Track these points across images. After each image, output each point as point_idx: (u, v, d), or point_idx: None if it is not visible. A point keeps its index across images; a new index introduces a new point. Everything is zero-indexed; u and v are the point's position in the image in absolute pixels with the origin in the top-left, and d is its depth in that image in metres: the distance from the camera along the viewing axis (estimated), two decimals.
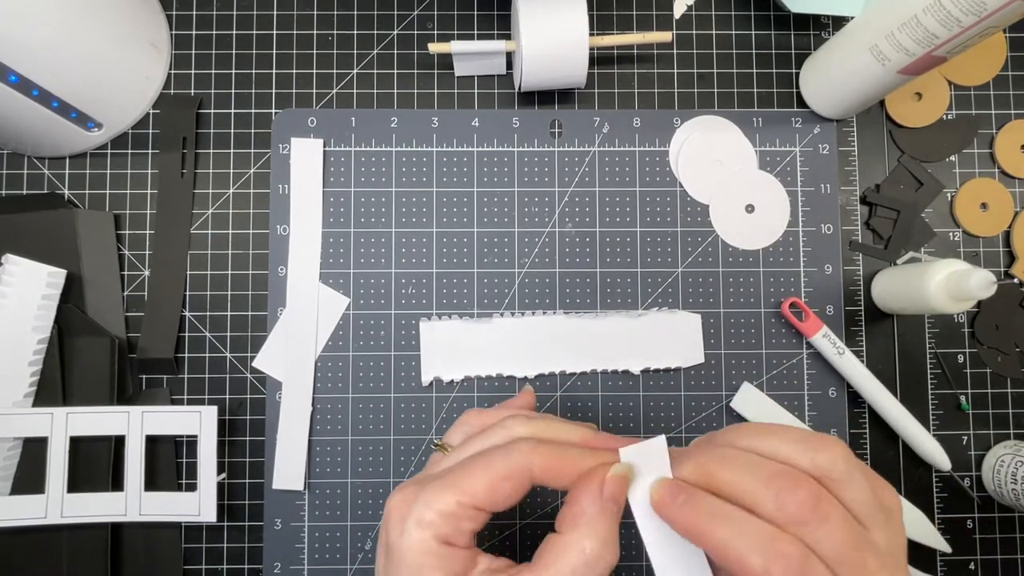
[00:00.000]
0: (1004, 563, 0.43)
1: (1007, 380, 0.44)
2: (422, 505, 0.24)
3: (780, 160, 0.45)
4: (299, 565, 0.42)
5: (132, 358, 0.42)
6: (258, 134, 0.44)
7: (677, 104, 0.45)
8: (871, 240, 0.45)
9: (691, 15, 0.45)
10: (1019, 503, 0.40)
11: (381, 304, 0.43)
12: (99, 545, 0.40)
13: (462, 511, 0.24)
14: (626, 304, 0.44)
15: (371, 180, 0.44)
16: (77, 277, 0.42)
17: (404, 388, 0.43)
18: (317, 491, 0.42)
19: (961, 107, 0.45)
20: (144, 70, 0.43)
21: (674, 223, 0.44)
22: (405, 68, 0.45)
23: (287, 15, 0.45)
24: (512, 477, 0.24)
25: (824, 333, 0.42)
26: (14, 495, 0.39)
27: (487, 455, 0.25)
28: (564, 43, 0.39)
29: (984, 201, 0.44)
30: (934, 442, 0.42)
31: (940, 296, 0.37)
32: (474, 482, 0.24)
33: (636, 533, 0.42)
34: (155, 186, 0.44)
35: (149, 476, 0.40)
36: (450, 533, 0.24)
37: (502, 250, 0.44)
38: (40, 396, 0.40)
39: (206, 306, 0.43)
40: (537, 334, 0.43)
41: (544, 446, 0.25)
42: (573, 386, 0.43)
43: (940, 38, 0.34)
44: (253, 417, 0.43)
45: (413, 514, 0.24)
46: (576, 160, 0.44)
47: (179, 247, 0.43)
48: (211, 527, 0.42)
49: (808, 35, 0.46)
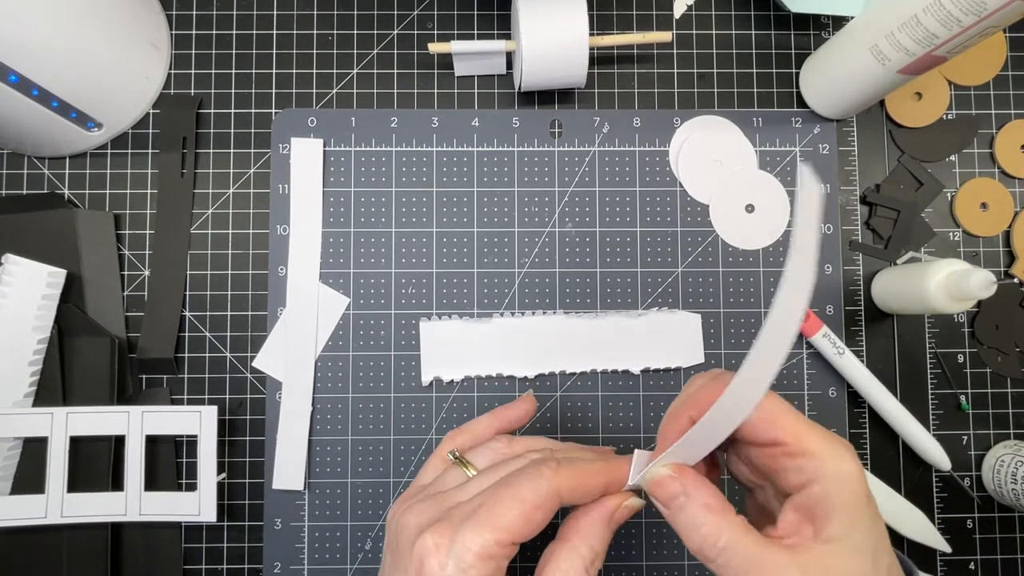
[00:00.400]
0: (1004, 563, 0.43)
1: (1007, 380, 0.44)
2: (461, 549, 0.24)
3: (780, 160, 0.45)
4: (299, 565, 0.42)
5: (132, 358, 0.42)
6: (258, 134, 0.44)
7: (677, 104, 0.45)
8: (871, 240, 0.45)
9: (691, 15, 0.45)
10: (1019, 503, 0.40)
11: (381, 304, 0.43)
12: (99, 545, 0.40)
13: (500, 549, 0.24)
14: (626, 304, 0.44)
15: (371, 180, 0.44)
16: (77, 277, 0.42)
17: (404, 388, 0.43)
18: (317, 491, 0.42)
19: (961, 107, 0.45)
20: (144, 70, 0.43)
21: (674, 223, 0.44)
22: (405, 68, 0.45)
23: (287, 15, 0.45)
24: (543, 506, 0.24)
25: (824, 333, 0.42)
26: (14, 495, 0.39)
27: (514, 485, 0.25)
28: (564, 43, 0.39)
29: (984, 201, 0.44)
30: (934, 442, 0.42)
31: (940, 296, 0.37)
32: (509, 518, 0.24)
33: (635, 533, 0.42)
34: (155, 186, 0.44)
35: (149, 476, 0.40)
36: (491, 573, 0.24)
37: (502, 250, 0.44)
38: (40, 396, 0.40)
39: (206, 306, 0.43)
40: (537, 334, 0.43)
41: (566, 467, 0.25)
42: (573, 386, 0.43)
43: (940, 38, 0.34)
44: (253, 417, 0.43)
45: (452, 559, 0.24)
46: (576, 160, 0.44)
47: (179, 247, 0.43)
48: (211, 527, 0.42)
49: (808, 35, 0.46)
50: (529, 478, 0.25)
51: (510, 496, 0.24)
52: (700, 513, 0.24)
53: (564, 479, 0.25)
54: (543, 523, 0.25)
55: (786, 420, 0.24)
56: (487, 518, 0.24)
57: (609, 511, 0.26)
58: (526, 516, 0.24)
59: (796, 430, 0.24)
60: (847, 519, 0.23)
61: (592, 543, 0.25)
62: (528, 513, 0.24)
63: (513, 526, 0.24)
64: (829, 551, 0.23)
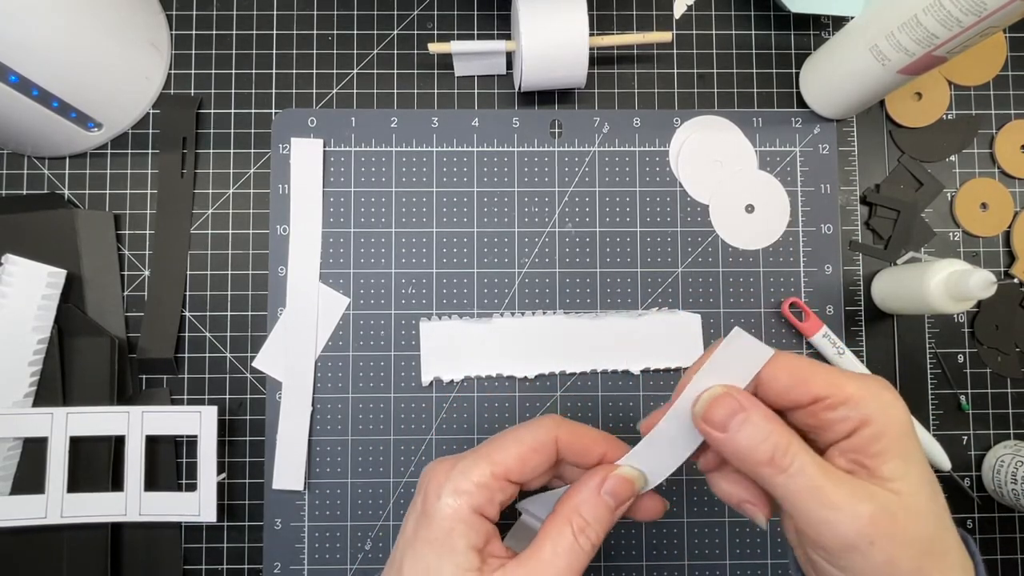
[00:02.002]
0: (1004, 563, 0.43)
1: (1007, 380, 0.44)
2: (459, 474, 0.26)
3: (780, 160, 0.45)
4: (299, 565, 0.42)
5: (132, 358, 0.42)
6: (258, 134, 0.44)
7: (677, 104, 0.45)
8: (871, 240, 0.45)
9: (691, 15, 0.45)
10: (1019, 503, 0.40)
11: (381, 304, 0.43)
12: (99, 545, 0.40)
13: (495, 483, 0.26)
14: (626, 304, 0.44)
15: (371, 180, 0.44)
16: (77, 277, 0.42)
17: (404, 388, 0.43)
18: (317, 491, 0.42)
19: (961, 107, 0.45)
20: (144, 70, 0.43)
21: (674, 223, 0.44)
22: (405, 68, 0.45)
23: (287, 15, 0.45)
24: (540, 449, 0.27)
25: (824, 333, 0.42)
26: (14, 495, 0.39)
27: (517, 431, 0.27)
28: (564, 43, 0.39)
29: (984, 201, 0.44)
30: (934, 442, 0.42)
31: (940, 296, 0.37)
32: (505, 455, 0.26)
33: (635, 533, 0.42)
34: (155, 186, 0.44)
35: (149, 476, 0.40)
36: (483, 504, 0.26)
37: (502, 250, 0.44)
38: (40, 396, 0.40)
39: (206, 306, 0.43)
40: (537, 334, 0.43)
41: (568, 423, 0.28)
42: (573, 386, 0.43)
43: (940, 38, 0.34)
44: (253, 417, 0.43)
45: (450, 483, 0.26)
46: (576, 160, 0.44)
47: (179, 247, 0.43)
48: (211, 527, 0.42)
49: (808, 35, 0.46)
50: (532, 424, 0.28)
51: (512, 438, 0.27)
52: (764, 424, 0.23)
53: (563, 431, 0.27)
54: (539, 468, 0.27)
55: (818, 376, 0.24)
56: (487, 453, 0.26)
57: (599, 478, 0.26)
58: (522, 456, 0.26)
59: (831, 381, 0.24)
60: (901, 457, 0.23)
61: (582, 511, 0.26)
62: (525, 454, 0.26)
63: (508, 462, 0.26)
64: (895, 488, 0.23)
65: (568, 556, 0.25)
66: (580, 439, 0.27)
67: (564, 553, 0.25)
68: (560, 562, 0.24)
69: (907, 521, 0.22)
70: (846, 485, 0.23)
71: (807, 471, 0.23)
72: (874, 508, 0.22)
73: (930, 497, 0.23)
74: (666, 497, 0.42)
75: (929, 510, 0.23)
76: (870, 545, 0.22)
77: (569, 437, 0.27)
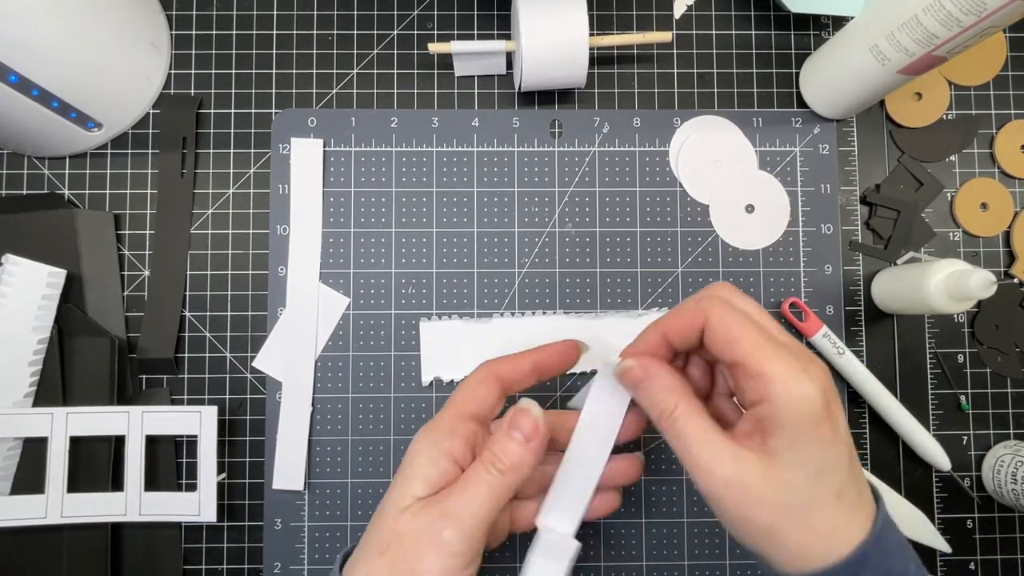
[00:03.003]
0: (1004, 563, 0.43)
1: (1007, 380, 0.44)
2: (431, 422, 0.31)
3: (780, 160, 0.45)
4: (299, 565, 0.42)
5: (132, 358, 0.42)
6: (258, 134, 0.44)
7: (677, 104, 0.45)
8: (871, 240, 0.45)
9: (691, 15, 0.45)
10: (1019, 503, 0.40)
11: (381, 304, 0.43)
12: (99, 545, 0.40)
13: (458, 421, 0.31)
14: (626, 304, 0.44)
15: (371, 180, 0.44)
16: (77, 277, 0.42)
17: (404, 388, 0.43)
18: (317, 491, 0.42)
19: (961, 107, 0.45)
20: (144, 70, 0.43)
21: (674, 223, 0.44)
22: (405, 68, 0.45)
23: (287, 15, 0.45)
24: (484, 381, 0.32)
25: (824, 333, 0.42)
26: (14, 495, 0.39)
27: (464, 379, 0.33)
28: (564, 43, 0.39)
29: (984, 201, 0.44)
30: (934, 442, 0.42)
31: (940, 296, 0.37)
32: (460, 396, 0.32)
33: (635, 533, 0.42)
34: (155, 186, 0.44)
35: (149, 476, 0.40)
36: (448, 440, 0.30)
37: (502, 250, 0.44)
38: (40, 396, 0.40)
39: (206, 306, 0.43)
40: (537, 334, 0.43)
41: (503, 356, 0.33)
42: (573, 386, 0.43)
43: (940, 38, 0.34)
44: (253, 417, 0.43)
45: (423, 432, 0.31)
46: (576, 160, 0.44)
47: (179, 247, 0.43)
48: (211, 527, 0.42)
49: (808, 35, 0.46)
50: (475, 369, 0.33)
51: (462, 385, 0.32)
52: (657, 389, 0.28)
53: (499, 364, 0.33)
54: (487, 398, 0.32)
55: (746, 342, 0.26)
56: (449, 402, 0.32)
57: (507, 419, 0.31)
58: (470, 390, 0.32)
59: (755, 353, 0.26)
60: (790, 438, 0.25)
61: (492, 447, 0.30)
62: (471, 387, 0.32)
63: (462, 401, 0.32)
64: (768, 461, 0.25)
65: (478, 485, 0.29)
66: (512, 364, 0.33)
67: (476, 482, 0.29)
68: (472, 490, 0.29)
69: (764, 488, 0.25)
70: (713, 448, 0.26)
71: (684, 433, 0.27)
72: (729, 472, 0.26)
73: (810, 476, 0.25)
74: (666, 497, 0.42)
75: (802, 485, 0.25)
76: (719, 502, 0.26)
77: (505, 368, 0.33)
